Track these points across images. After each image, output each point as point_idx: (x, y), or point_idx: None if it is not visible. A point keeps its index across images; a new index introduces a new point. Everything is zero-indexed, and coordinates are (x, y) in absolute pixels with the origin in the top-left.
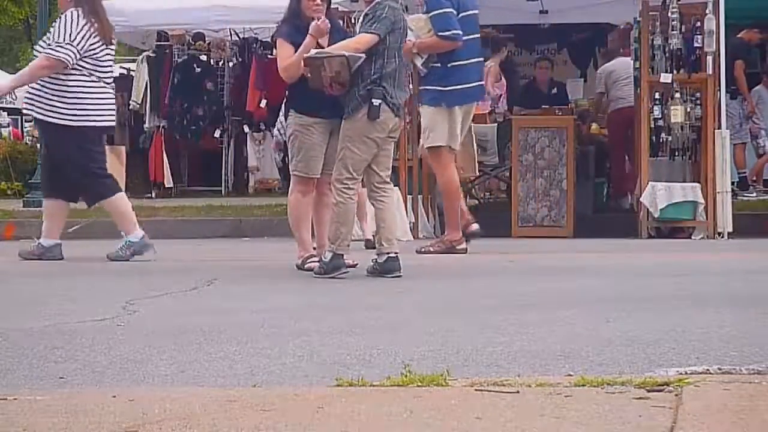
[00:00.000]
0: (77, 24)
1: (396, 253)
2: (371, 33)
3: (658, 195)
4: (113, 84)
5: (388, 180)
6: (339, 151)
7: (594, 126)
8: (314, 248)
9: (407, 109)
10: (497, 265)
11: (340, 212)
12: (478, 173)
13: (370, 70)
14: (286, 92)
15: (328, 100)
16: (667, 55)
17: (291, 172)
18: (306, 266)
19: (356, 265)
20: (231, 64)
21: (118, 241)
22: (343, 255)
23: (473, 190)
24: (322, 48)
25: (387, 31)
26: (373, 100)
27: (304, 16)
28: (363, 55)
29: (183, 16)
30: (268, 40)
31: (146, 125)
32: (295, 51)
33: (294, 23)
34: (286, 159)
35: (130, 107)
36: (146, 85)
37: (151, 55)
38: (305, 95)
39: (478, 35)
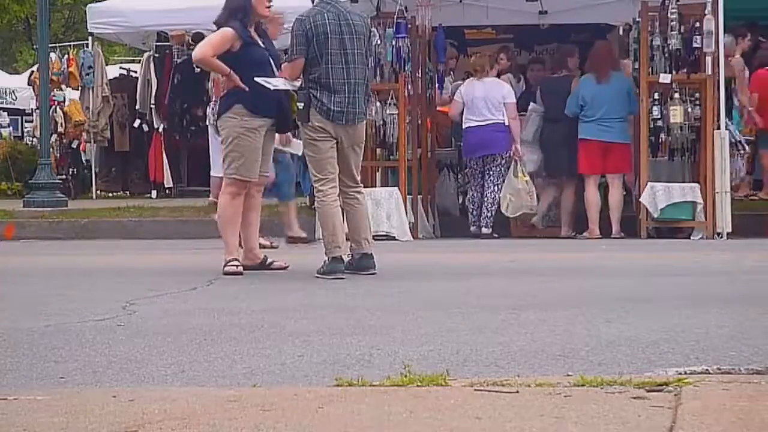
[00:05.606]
0: None
1: (365, 252)
2: (290, 61)
3: (657, 195)
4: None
5: (353, 183)
6: None
7: None
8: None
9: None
10: (497, 265)
11: (318, 215)
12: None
13: (306, 78)
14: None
15: (273, 98)
16: (666, 55)
17: (226, 175)
18: (224, 269)
19: None
20: None
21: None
22: (341, 257)
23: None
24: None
25: (303, 46)
26: (298, 104)
27: (255, 14)
28: (298, 82)
29: (183, 16)
30: None
31: (149, 125)
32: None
33: (242, 19)
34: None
35: (137, 108)
36: (149, 85)
37: (155, 55)
38: (255, 93)
39: None
